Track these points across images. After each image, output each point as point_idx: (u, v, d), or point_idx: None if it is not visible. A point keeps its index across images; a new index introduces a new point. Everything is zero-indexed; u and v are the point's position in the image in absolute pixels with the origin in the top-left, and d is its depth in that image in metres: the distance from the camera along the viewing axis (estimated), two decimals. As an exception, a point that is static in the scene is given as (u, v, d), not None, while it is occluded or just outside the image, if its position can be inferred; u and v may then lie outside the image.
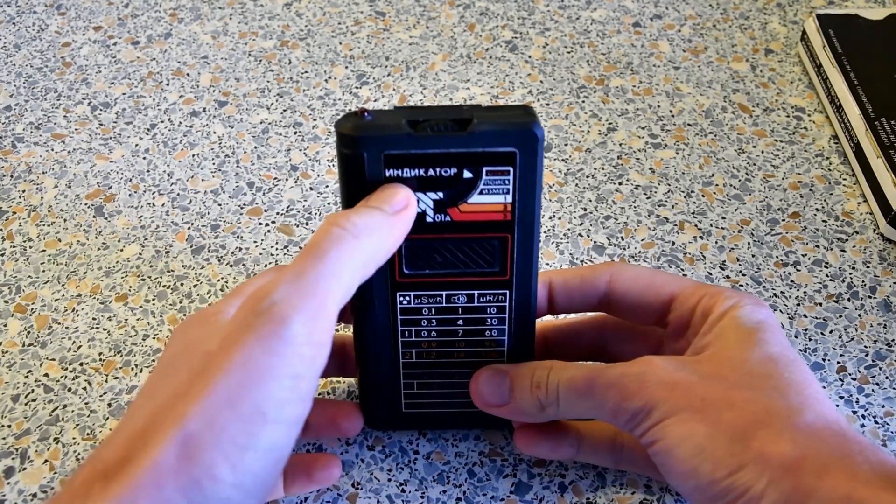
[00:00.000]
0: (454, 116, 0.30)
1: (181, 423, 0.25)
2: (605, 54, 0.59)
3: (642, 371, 0.31)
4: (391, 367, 0.35)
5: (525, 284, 0.33)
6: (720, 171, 0.51)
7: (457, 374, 0.35)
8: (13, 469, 0.38)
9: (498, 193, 0.31)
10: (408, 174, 0.30)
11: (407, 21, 0.62)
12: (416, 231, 0.31)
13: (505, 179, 0.30)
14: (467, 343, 0.34)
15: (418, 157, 0.30)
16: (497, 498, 0.37)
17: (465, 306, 0.33)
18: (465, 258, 0.32)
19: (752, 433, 0.28)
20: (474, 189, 0.31)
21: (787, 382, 0.30)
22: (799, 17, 0.62)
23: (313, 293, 0.27)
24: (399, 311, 0.33)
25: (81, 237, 0.47)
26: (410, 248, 0.32)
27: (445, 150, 0.30)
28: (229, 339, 0.27)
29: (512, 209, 0.31)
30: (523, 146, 0.30)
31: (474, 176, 0.30)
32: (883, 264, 0.46)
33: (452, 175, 0.30)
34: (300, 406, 0.27)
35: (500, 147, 0.30)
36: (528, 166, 0.30)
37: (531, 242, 0.32)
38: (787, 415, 0.29)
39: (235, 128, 0.54)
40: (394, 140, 0.30)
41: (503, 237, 0.32)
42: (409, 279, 0.33)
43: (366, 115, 0.30)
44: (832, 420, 0.29)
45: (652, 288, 0.35)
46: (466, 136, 0.30)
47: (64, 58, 0.59)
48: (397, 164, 0.30)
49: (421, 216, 0.31)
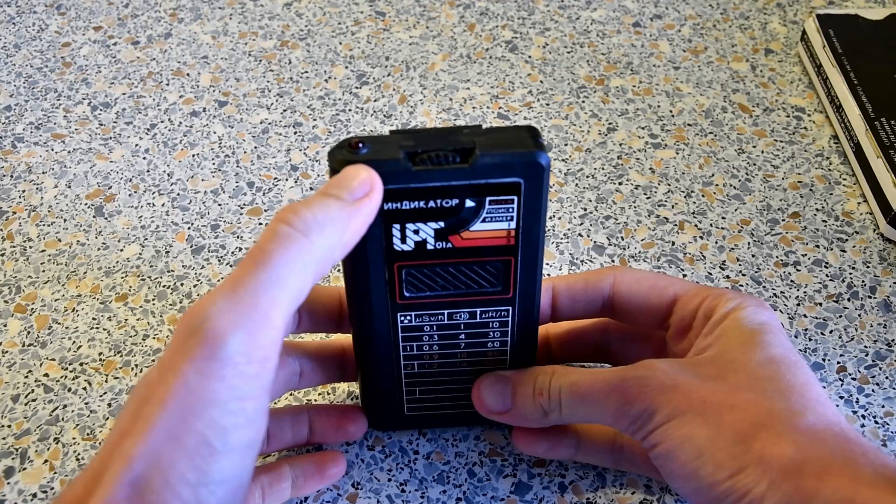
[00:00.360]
0: (454, 146, 0.28)
1: (128, 464, 0.24)
2: (605, 54, 0.59)
3: (644, 375, 0.30)
4: (393, 376, 0.35)
5: (528, 300, 0.32)
6: (720, 171, 0.51)
7: (459, 381, 0.35)
8: (13, 469, 0.38)
9: (501, 220, 0.29)
10: (408, 206, 0.29)
11: (407, 21, 0.62)
12: (416, 258, 0.30)
13: (509, 207, 0.29)
14: (469, 354, 0.34)
15: (419, 190, 0.28)
16: (497, 498, 0.37)
17: (467, 322, 0.33)
18: (468, 280, 0.31)
19: (754, 435, 0.28)
20: (477, 218, 0.29)
21: (789, 385, 0.30)
22: (799, 17, 0.62)
23: (253, 305, 0.25)
24: (400, 329, 0.33)
25: (81, 237, 0.47)
26: (410, 273, 0.31)
27: (447, 182, 0.28)
28: (165, 367, 0.25)
29: (516, 234, 0.30)
30: (528, 177, 0.28)
31: (477, 205, 0.29)
32: (883, 264, 0.46)
33: (454, 206, 0.29)
34: (250, 429, 0.26)
35: (505, 178, 0.28)
36: (534, 194, 0.29)
37: (535, 263, 0.31)
38: (789, 417, 0.29)
39: (235, 128, 0.54)
40: (392, 176, 0.28)
41: (506, 260, 0.31)
42: (410, 301, 0.32)
43: (360, 146, 0.28)
44: (834, 422, 0.29)
45: (655, 290, 0.35)
46: (469, 169, 0.28)
47: (64, 58, 0.59)
48: (396, 197, 0.28)
49: (421, 244, 0.30)
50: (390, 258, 0.30)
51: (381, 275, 0.30)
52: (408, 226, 0.29)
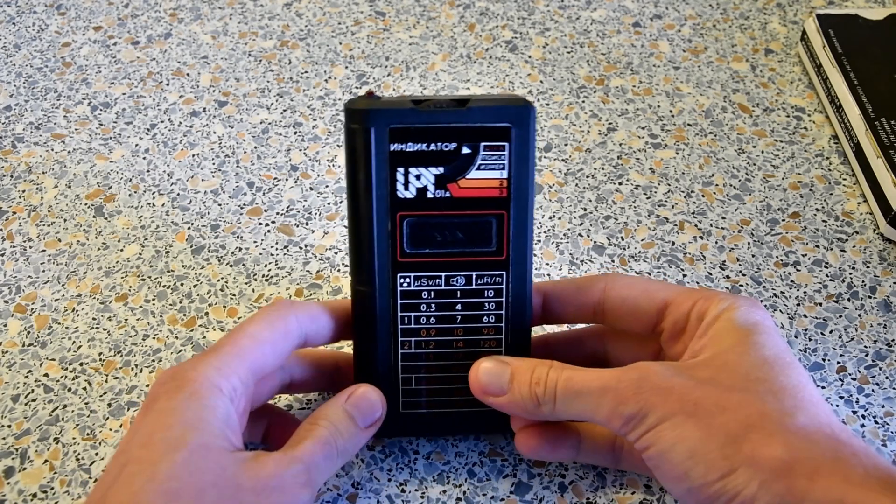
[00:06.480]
0: (454, 98, 0.33)
1: None
2: (605, 54, 0.59)
3: (638, 377, 0.31)
4: (390, 363, 0.35)
5: (521, 267, 0.34)
6: (720, 171, 0.51)
7: (454, 368, 0.36)
8: (13, 469, 0.38)
9: (494, 169, 0.33)
10: (411, 148, 0.32)
11: (407, 21, 0.62)
12: (417, 207, 0.33)
13: (501, 155, 0.33)
14: (465, 331, 0.35)
15: (421, 130, 0.32)
16: (497, 498, 0.37)
17: (463, 289, 0.35)
18: (464, 237, 0.34)
19: (744, 436, 0.28)
20: (472, 165, 0.33)
21: (782, 386, 0.30)
22: (799, 17, 0.62)
23: None
24: (399, 295, 0.34)
25: (81, 237, 0.47)
26: (412, 226, 0.33)
27: (446, 124, 0.32)
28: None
29: (508, 185, 0.33)
30: (517, 121, 0.33)
31: (472, 151, 0.33)
32: (883, 264, 0.46)
33: (452, 150, 0.33)
34: None
35: (496, 122, 0.32)
36: (522, 141, 0.33)
37: (525, 221, 0.34)
38: (780, 418, 0.29)
39: (235, 128, 0.54)
40: (398, 114, 0.32)
41: (499, 214, 0.34)
42: (410, 258, 0.34)
43: (373, 96, 0.33)
44: (825, 423, 0.29)
45: (645, 295, 0.35)
46: (465, 112, 0.32)
47: (64, 58, 0.59)
48: (401, 138, 0.32)
49: (422, 191, 0.33)
50: (394, 207, 0.33)
51: (385, 225, 0.33)
52: (410, 170, 0.33)
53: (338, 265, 0.46)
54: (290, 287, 0.45)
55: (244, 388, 0.31)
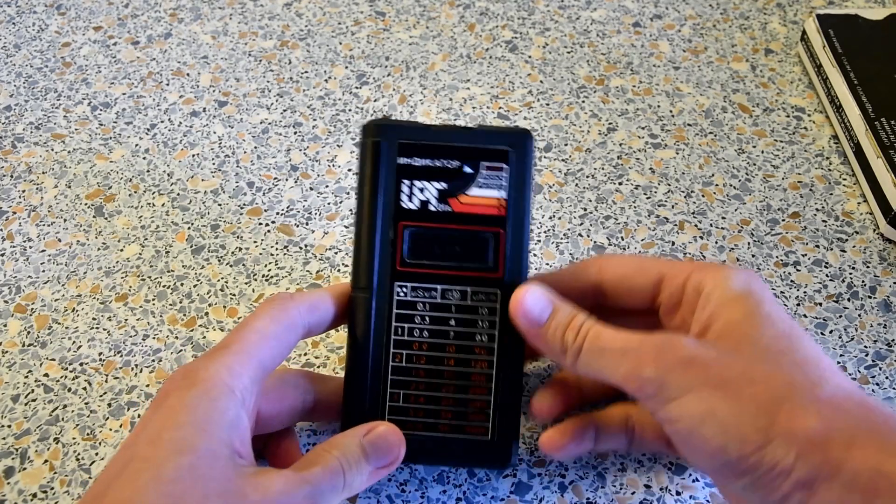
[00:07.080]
0: (462, 126, 0.36)
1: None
2: (605, 54, 0.59)
3: (662, 342, 0.31)
4: (380, 377, 0.35)
5: (515, 286, 0.34)
6: (720, 171, 0.51)
7: (444, 388, 0.35)
8: (13, 469, 0.38)
9: (493, 188, 0.35)
10: (418, 163, 0.35)
11: (407, 21, 0.62)
12: (419, 218, 0.35)
13: (500, 175, 0.35)
14: (458, 349, 0.35)
15: (427, 147, 0.35)
16: (497, 498, 0.37)
17: (458, 304, 0.35)
18: (461, 251, 0.35)
19: (777, 408, 0.28)
20: (473, 182, 0.35)
21: (804, 357, 0.30)
22: (799, 17, 0.62)
23: None
24: (395, 304, 0.35)
25: (81, 237, 0.47)
26: (412, 235, 0.35)
27: (450, 142, 0.35)
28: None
29: (506, 205, 0.35)
30: (516, 145, 0.35)
31: (473, 171, 0.35)
32: (883, 264, 0.46)
33: (455, 167, 0.35)
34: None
35: (496, 145, 0.35)
36: (520, 163, 0.35)
37: (522, 240, 0.35)
38: (809, 388, 0.29)
39: (235, 128, 0.54)
40: (408, 131, 0.35)
41: (496, 232, 0.35)
42: (409, 268, 0.35)
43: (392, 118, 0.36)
44: (852, 391, 0.29)
45: (640, 272, 0.35)
46: (469, 134, 0.35)
47: (64, 58, 0.59)
48: (409, 152, 0.35)
49: (425, 204, 0.35)
50: (397, 215, 0.35)
51: (387, 233, 0.35)
52: (415, 183, 0.35)
53: (338, 265, 0.46)
54: (290, 287, 0.45)
55: (254, 386, 0.31)
